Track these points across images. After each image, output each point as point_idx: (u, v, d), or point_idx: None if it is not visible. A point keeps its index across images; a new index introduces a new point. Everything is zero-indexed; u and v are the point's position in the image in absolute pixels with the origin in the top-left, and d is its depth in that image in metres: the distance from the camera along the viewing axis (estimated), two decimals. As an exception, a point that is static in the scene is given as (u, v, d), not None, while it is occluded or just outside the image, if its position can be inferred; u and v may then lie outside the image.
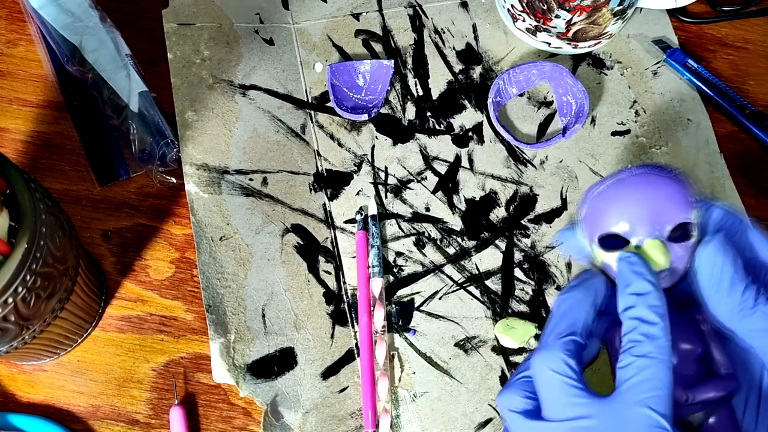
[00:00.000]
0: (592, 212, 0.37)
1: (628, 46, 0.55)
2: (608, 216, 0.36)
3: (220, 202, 0.48)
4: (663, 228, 0.36)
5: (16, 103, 0.50)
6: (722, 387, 0.36)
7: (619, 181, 0.37)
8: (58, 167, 0.49)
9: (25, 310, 0.35)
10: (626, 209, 0.36)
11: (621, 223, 0.36)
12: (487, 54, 0.54)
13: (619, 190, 0.37)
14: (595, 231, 0.37)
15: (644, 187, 0.36)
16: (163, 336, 0.45)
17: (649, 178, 0.36)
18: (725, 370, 0.37)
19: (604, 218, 0.36)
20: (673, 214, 0.36)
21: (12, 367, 0.44)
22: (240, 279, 0.46)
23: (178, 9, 0.53)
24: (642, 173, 0.37)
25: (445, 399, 0.45)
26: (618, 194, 0.37)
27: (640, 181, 0.36)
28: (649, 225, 0.36)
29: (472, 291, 0.47)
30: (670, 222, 0.36)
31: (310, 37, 0.54)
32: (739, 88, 0.55)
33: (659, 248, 0.35)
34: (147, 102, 0.48)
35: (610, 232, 0.36)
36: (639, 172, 0.37)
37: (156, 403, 0.44)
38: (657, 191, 0.36)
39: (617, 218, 0.36)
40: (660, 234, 0.36)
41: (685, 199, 0.36)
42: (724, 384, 0.36)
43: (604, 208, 0.37)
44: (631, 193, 0.36)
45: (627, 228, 0.36)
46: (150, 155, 0.47)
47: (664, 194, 0.36)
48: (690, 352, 0.36)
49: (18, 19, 0.53)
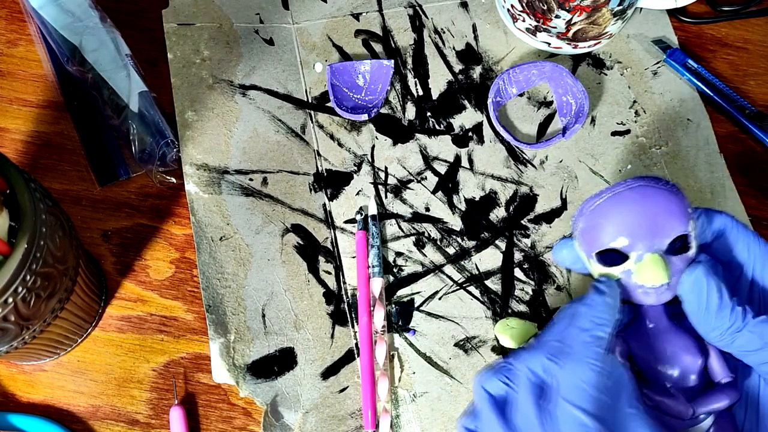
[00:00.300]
0: (589, 227, 0.37)
1: (628, 46, 0.55)
2: (606, 231, 0.36)
3: (220, 202, 0.48)
4: (662, 242, 0.35)
5: (16, 103, 0.50)
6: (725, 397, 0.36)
7: (616, 195, 0.36)
8: (58, 167, 0.49)
9: (25, 310, 0.35)
10: (625, 224, 0.35)
11: (620, 239, 0.35)
12: (487, 54, 0.54)
13: (617, 205, 0.36)
14: (594, 246, 0.37)
15: (642, 201, 0.36)
16: (163, 336, 0.45)
17: (646, 191, 0.36)
18: (725, 378, 0.37)
19: (602, 233, 0.36)
20: (671, 227, 0.35)
21: (12, 367, 0.44)
22: (240, 279, 0.46)
23: (178, 9, 0.53)
24: (638, 186, 0.36)
25: (445, 399, 0.45)
26: (616, 208, 0.36)
27: (637, 194, 0.36)
28: (648, 239, 0.35)
29: (472, 291, 0.47)
30: (668, 235, 0.35)
31: (310, 37, 0.54)
32: (739, 89, 0.55)
33: (659, 263, 0.35)
34: (147, 102, 0.48)
35: (608, 248, 0.36)
36: (635, 184, 0.36)
37: (156, 403, 0.44)
38: (655, 204, 0.35)
39: (616, 233, 0.36)
40: (659, 248, 0.35)
41: (683, 211, 0.36)
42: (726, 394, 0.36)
43: (602, 223, 0.36)
44: (629, 208, 0.36)
45: (626, 243, 0.35)
46: (150, 155, 0.47)
47: (662, 207, 0.35)
48: (692, 365, 0.36)
49: (18, 19, 0.53)
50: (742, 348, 0.35)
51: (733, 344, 0.35)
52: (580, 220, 0.38)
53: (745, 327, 0.34)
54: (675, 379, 0.36)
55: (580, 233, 0.37)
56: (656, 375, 0.36)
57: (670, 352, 0.36)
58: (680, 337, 0.37)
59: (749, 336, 0.35)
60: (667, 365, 0.36)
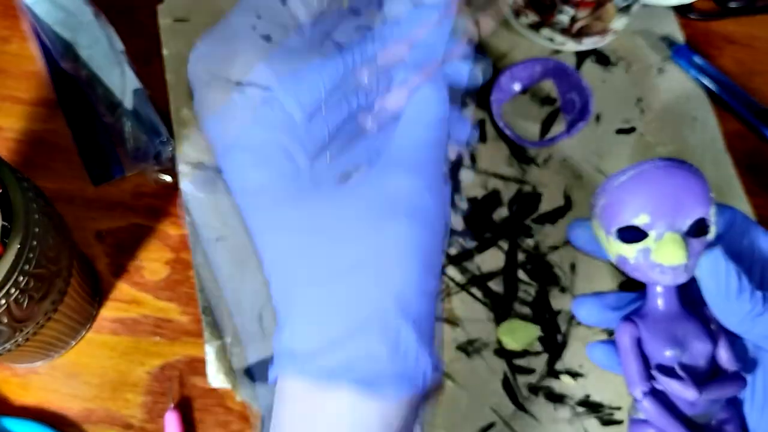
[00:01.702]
0: (611, 203, 0.37)
1: (633, 43, 0.54)
2: (629, 207, 0.37)
3: (216, 202, 0.47)
4: (683, 222, 0.36)
5: (8, 100, 0.50)
6: (732, 385, 0.36)
7: (641, 173, 0.37)
8: (51, 166, 0.48)
9: (17, 311, 0.35)
10: (648, 201, 0.36)
11: (642, 215, 0.36)
12: (489, 50, 0.54)
13: (642, 182, 0.37)
14: (614, 222, 0.37)
15: (667, 180, 0.36)
16: (158, 338, 0.45)
17: (672, 171, 0.36)
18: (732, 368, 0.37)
19: (625, 209, 0.37)
20: (693, 209, 0.36)
21: (4, 370, 0.44)
22: (237, 281, 0.45)
23: (174, 5, 0.52)
24: (664, 165, 0.37)
25: (445, 403, 0.44)
26: (641, 186, 0.37)
27: (663, 173, 0.36)
28: (670, 218, 0.36)
29: (474, 293, 0.47)
30: (690, 216, 0.36)
31: (309, 33, 0.53)
32: (746, 86, 0.54)
33: (679, 242, 0.35)
34: (142, 99, 0.48)
35: (630, 224, 0.36)
36: (662, 164, 0.37)
37: (151, 407, 0.43)
38: (680, 185, 0.36)
39: (638, 210, 0.36)
40: (680, 228, 0.36)
41: (705, 194, 0.36)
42: (734, 382, 0.36)
43: (625, 199, 0.37)
44: (654, 186, 0.36)
45: (647, 220, 0.36)
46: (145, 154, 0.47)
47: (687, 188, 0.36)
48: (701, 350, 0.37)
49: (11, 15, 0.52)
50: (763, 333, 0.35)
51: (754, 330, 0.35)
52: (602, 196, 0.38)
53: (766, 311, 0.34)
54: (684, 362, 0.36)
55: (601, 209, 0.38)
56: (665, 358, 0.36)
57: (681, 336, 0.37)
58: (691, 322, 0.37)
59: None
60: (677, 348, 0.36)
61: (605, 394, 0.44)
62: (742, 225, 0.38)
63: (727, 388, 0.36)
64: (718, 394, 0.36)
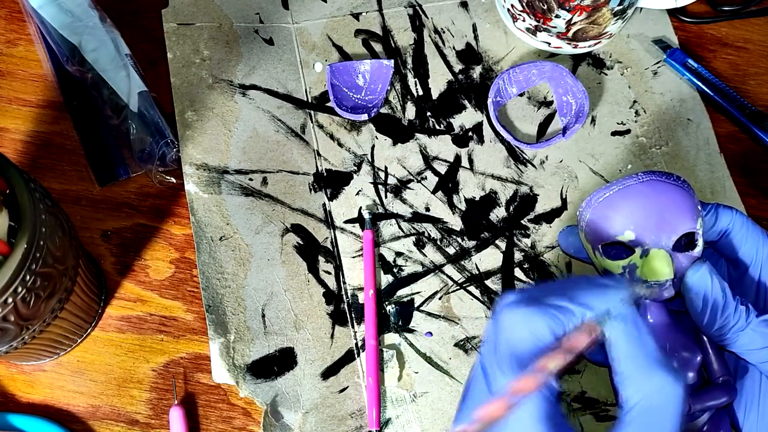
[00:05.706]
0: (596, 218, 0.36)
1: (628, 46, 0.55)
2: (614, 223, 0.35)
3: (220, 202, 0.48)
4: (669, 238, 0.35)
5: (15, 102, 0.50)
6: (722, 395, 0.36)
7: (626, 188, 0.35)
8: (57, 167, 0.49)
9: (24, 310, 0.35)
10: (633, 217, 0.35)
11: (627, 232, 0.35)
12: (487, 54, 0.54)
13: (626, 197, 0.35)
14: (600, 238, 0.36)
15: (652, 195, 0.35)
16: (162, 336, 0.45)
17: (657, 186, 0.35)
18: (722, 377, 0.37)
19: (610, 226, 0.35)
20: (680, 224, 0.35)
21: (12, 368, 0.44)
22: (240, 279, 0.46)
23: (178, 9, 0.53)
24: (649, 180, 0.35)
25: (445, 399, 0.44)
26: (625, 201, 0.35)
27: (647, 188, 0.35)
28: (656, 234, 0.35)
29: (472, 291, 0.47)
30: (675, 232, 0.35)
31: (310, 36, 0.54)
32: (739, 88, 0.54)
33: (665, 259, 0.35)
34: (147, 102, 0.48)
35: (615, 241, 0.36)
36: (647, 178, 0.36)
37: (156, 403, 0.44)
38: (665, 200, 0.35)
39: (623, 226, 0.35)
40: (666, 244, 0.35)
41: (692, 209, 0.35)
42: (724, 392, 0.36)
43: (609, 215, 0.35)
44: (639, 201, 0.35)
45: (633, 237, 0.35)
46: (150, 155, 0.47)
47: (672, 203, 0.35)
48: (691, 361, 0.36)
49: (18, 18, 0.53)
50: (744, 346, 0.35)
51: (736, 343, 0.35)
52: (587, 212, 0.37)
53: (748, 326, 0.34)
54: None
55: (586, 224, 0.37)
56: None
57: (669, 348, 0.36)
58: (679, 334, 0.36)
59: (752, 335, 0.34)
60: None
61: (600, 391, 0.45)
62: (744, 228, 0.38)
63: (717, 397, 0.36)
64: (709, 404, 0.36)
